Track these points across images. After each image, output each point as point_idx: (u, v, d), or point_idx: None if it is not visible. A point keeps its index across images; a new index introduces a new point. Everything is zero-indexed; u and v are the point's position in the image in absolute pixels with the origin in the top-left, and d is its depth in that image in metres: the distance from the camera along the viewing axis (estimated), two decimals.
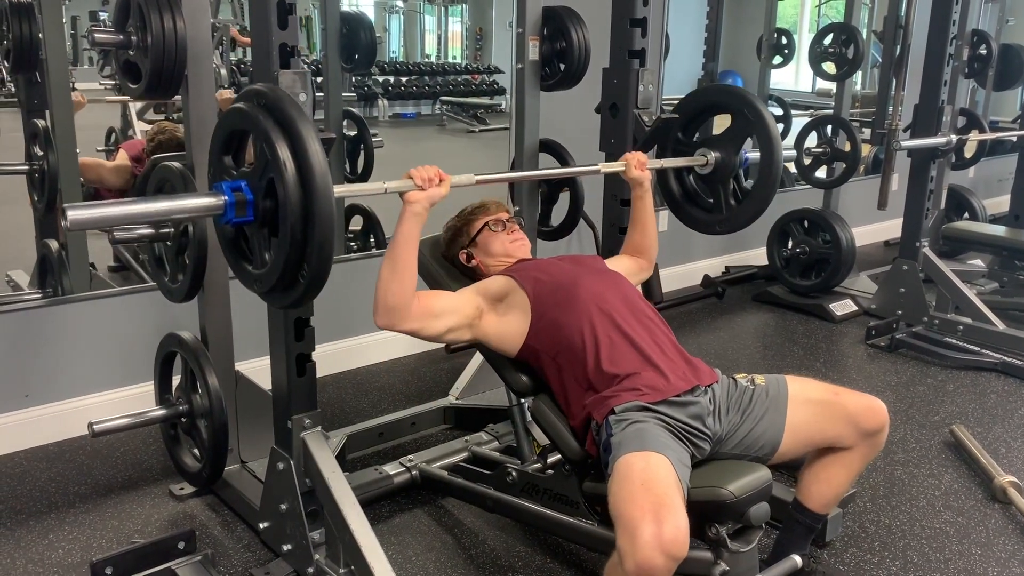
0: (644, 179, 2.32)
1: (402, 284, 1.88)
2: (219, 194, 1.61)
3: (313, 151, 1.52)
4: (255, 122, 1.57)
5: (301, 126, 1.53)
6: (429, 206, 1.87)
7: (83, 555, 2.23)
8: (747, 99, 2.37)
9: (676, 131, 2.51)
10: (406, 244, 1.87)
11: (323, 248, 1.55)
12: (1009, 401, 3.34)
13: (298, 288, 1.62)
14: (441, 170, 1.89)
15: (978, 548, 2.36)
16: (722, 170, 2.42)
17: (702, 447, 1.87)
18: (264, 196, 1.60)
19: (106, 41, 2.15)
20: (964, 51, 4.60)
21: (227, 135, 1.69)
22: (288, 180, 1.52)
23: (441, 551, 2.30)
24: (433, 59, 6.95)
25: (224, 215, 1.62)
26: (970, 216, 5.26)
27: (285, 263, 1.58)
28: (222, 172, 1.69)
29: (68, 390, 2.87)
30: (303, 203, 1.53)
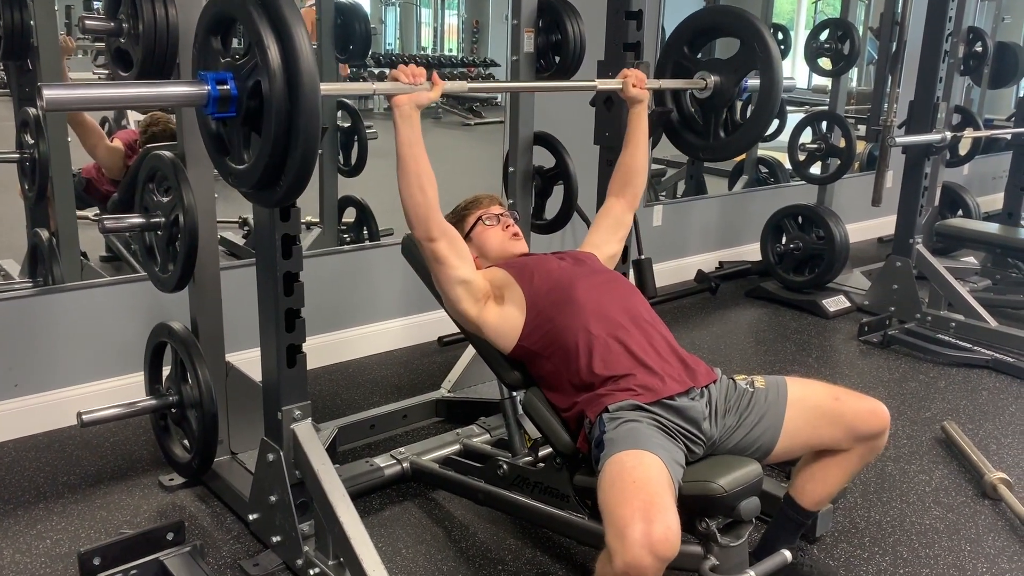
0: (643, 96, 2.30)
1: (423, 192, 1.88)
2: (203, 84, 1.56)
3: (303, 55, 1.47)
4: (246, 15, 1.51)
5: (293, 27, 1.48)
6: (417, 108, 1.86)
7: (71, 545, 2.22)
8: (759, 32, 2.33)
9: (682, 45, 2.48)
10: (409, 149, 1.86)
11: (307, 142, 1.50)
12: (1000, 398, 3.35)
13: (283, 182, 1.57)
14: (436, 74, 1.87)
15: (968, 544, 2.36)
16: (719, 96, 2.41)
17: (696, 450, 1.86)
18: (249, 96, 1.54)
19: (97, 28, 2.13)
20: (960, 48, 4.59)
21: (215, 16, 1.62)
22: (276, 84, 1.47)
23: (431, 543, 2.29)
24: (429, 52, 6.93)
25: (207, 107, 1.57)
26: (964, 213, 5.27)
27: (266, 165, 1.54)
28: (208, 56, 1.63)
29: (58, 380, 2.85)
30: (289, 110, 1.48)
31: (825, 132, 4.51)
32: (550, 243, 3.80)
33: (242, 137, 1.62)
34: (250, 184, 1.62)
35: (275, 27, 1.49)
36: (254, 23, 1.49)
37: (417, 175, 1.87)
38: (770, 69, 2.31)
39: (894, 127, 3.81)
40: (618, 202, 2.37)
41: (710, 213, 5.01)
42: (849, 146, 4.41)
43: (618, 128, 2.56)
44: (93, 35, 2.55)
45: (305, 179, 1.57)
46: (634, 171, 2.36)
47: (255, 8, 1.51)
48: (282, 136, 1.51)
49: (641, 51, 2.55)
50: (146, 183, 2.29)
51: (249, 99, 1.55)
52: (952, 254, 5.08)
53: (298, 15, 1.50)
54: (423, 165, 1.88)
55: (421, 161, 1.88)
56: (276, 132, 1.50)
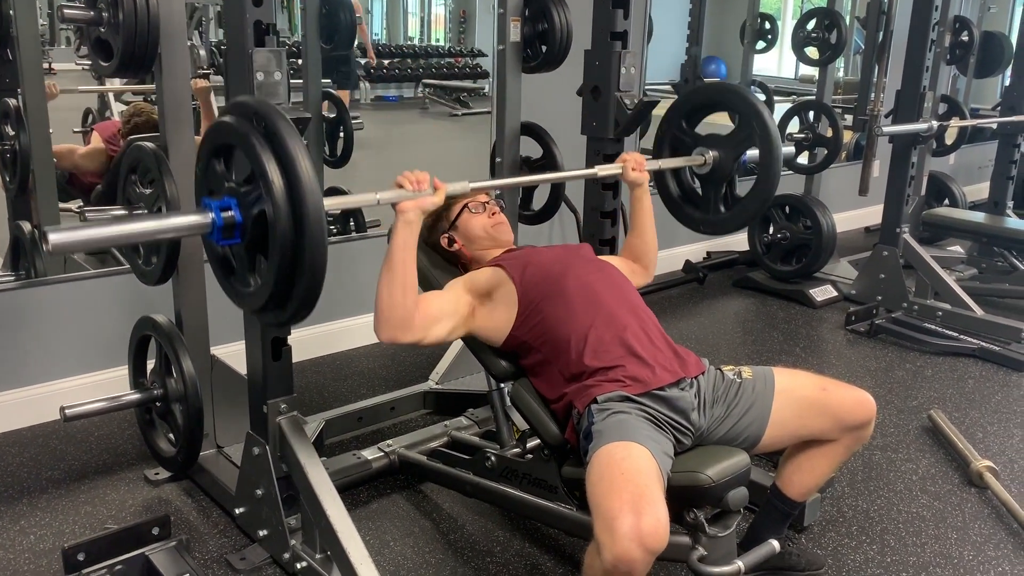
0: (643, 180, 2.26)
1: (404, 296, 1.84)
2: (207, 212, 1.55)
3: (307, 183, 1.45)
4: (245, 140, 1.51)
5: (292, 146, 1.47)
6: (422, 214, 1.83)
7: (55, 541, 2.20)
8: (758, 110, 2.32)
9: (680, 120, 2.48)
10: (402, 254, 1.82)
11: (314, 271, 1.50)
12: (986, 386, 3.37)
13: (288, 308, 1.57)
14: (437, 179, 1.83)
15: (954, 532, 2.37)
16: (718, 171, 2.39)
17: (684, 441, 1.86)
18: (254, 222, 1.54)
19: (76, 17, 2.10)
20: (946, 38, 4.60)
21: (215, 147, 1.62)
22: (281, 213, 1.46)
23: (419, 536, 2.29)
24: (416, 41, 6.89)
25: (212, 235, 1.56)
26: (950, 203, 5.28)
27: (275, 285, 1.53)
28: (212, 180, 1.63)
29: (41, 374, 2.83)
30: (293, 227, 1.47)
31: (812, 121, 4.51)
32: (538, 234, 3.79)
33: (247, 262, 1.61)
34: (257, 306, 1.61)
35: (278, 155, 1.47)
36: (256, 153, 1.48)
37: (403, 278, 1.83)
38: (768, 145, 2.29)
39: (881, 116, 3.81)
40: (631, 264, 2.33)
41: None
42: (836, 135, 4.41)
43: (605, 118, 2.55)
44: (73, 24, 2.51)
45: (313, 302, 1.55)
46: (642, 253, 2.32)
47: (257, 138, 1.49)
48: (288, 263, 1.50)
49: (628, 40, 2.54)
50: (128, 174, 2.27)
51: (254, 226, 1.53)
52: (938, 243, 5.09)
53: (300, 143, 1.49)
54: (411, 270, 1.84)
55: (410, 266, 1.84)
56: (282, 260, 1.49)
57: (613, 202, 2.64)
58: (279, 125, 1.49)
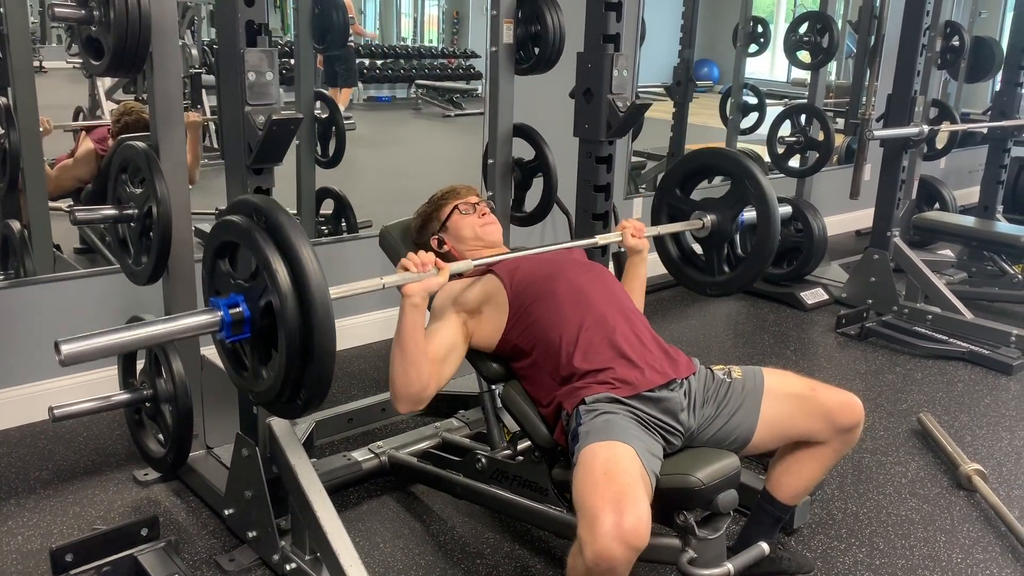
0: (642, 247, 2.25)
1: (419, 373, 1.85)
2: (215, 311, 1.55)
3: (311, 269, 1.46)
4: (248, 236, 1.52)
5: (295, 239, 1.48)
6: (428, 296, 1.82)
7: (43, 542, 2.19)
8: (750, 171, 2.32)
9: (674, 188, 2.49)
10: (412, 334, 1.82)
11: (323, 362, 1.49)
12: (975, 390, 3.38)
13: (299, 403, 1.57)
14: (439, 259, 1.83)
15: (943, 535, 2.38)
16: (718, 234, 2.40)
17: (674, 442, 1.86)
18: (262, 315, 1.54)
19: (67, 16, 2.08)
20: (937, 42, 4.62)
21: (219, 246, 1.63)
22: (287, 299, 1.47)
23: (409, 537, 2.28)
24: (409, 42, 6.89)
25: (221, 332, 1.57)
26: (940, 206, 5.30)
27: (284, 381, 1.53)
28: (219, 281, 1.64)
29: (30, 374, 2.81)
30: (301, 321, 1.48)
31: (804, 125, 4.52)
32: (530, 235, 3.79)
33: (258, 355, 1.61)
34: (270, 398, 1.61)
35: (282, 249, 1.48)
36: (260, 248, 1.49)
37: (415, 358, 1.83)
38: (764, 203, 2.29)
39: (872, 120, 3.83)
40: None
41: None
42: (828, 139, 4.42)
43: (597, 120, 2.55)
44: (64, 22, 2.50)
45: (325, 390, 1.55)
46: None
47: (260, 233, 1.51)
48: (297, 353, 1.50)
49: (620, 43, 2.54)
50: (119, 174, 2.26)
51: (262, 319, 1.54)
52: (929, 247, 5.11)
53: (303, 235, 1.50)
54: (422, 347, 1.84)
55: (421, 345, 1.84)
56: (290, 350, 1.49)
57: (605, 204, 2.65)
58: (281, 219, 1.50)
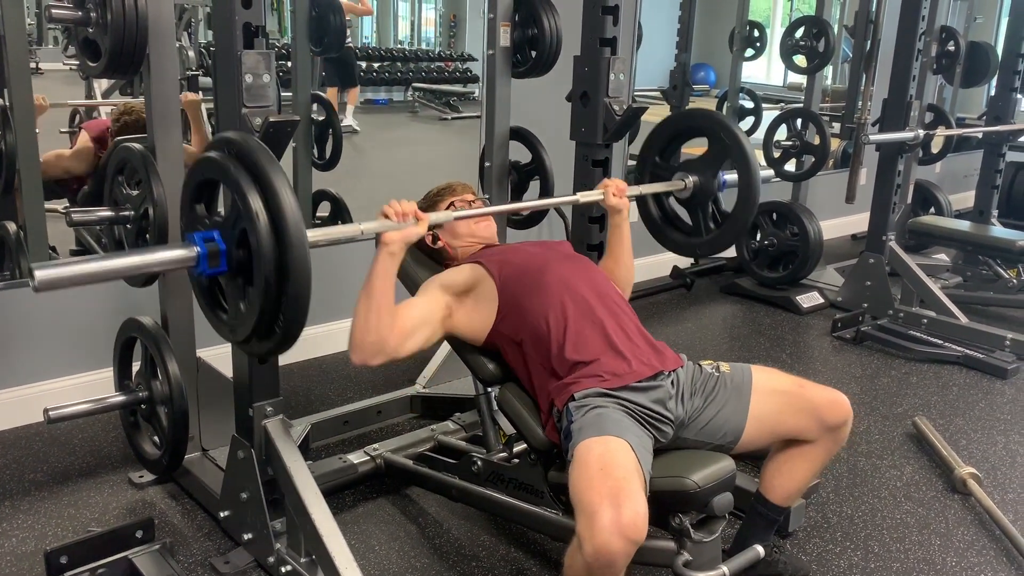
0: (622, 206, 2.26)
1: (379, 321, 1.84)
2: (191, 245, 1.57)
3: (286, 200, 1.49)
4: (226, 172, 1.54)
5: (273, 175, 1.50)
6: (406, 246, 1.83)
7: (37, 544, 2.18)
8: (722, 123, 2.37)
9: (654, 155, 2.50)
10: (382, 283, 1.83)
11: (298, 298, 1.52)
12: (970, 394, 3.39)
13: (273, 338, 1.59)
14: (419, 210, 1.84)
15: (938, 538, 2.39)
16: (700, 194, 2.42)
17: (664, 431, 1.87)
18: (237, 246, 1.56)
19: (64, 17, 2.09)
20: (932, 47, 4.63)
21: (198, 184, 1.65)
22: (261, 230, 1.49)
23: (405, 540, 2.28)
24: (406, 45, 6.89)
25: (197, 266, 1.58)
26: (936, 211, 5.32)
27: (260, 313, 1.54)
28: (194, 222, 1.66)
29: (26, 375, 2.81)
30: (277, 253, 1.50)
31: (800, 129, 4.53)
32: (526, 238, 3.78)
33: (235, 290, 1.62)
34: (243, 336, 1.62)
35: (261, 188, 1.50)
36: (239, 185, 1.50)
37: (379, 306, 1.83)
38: (742, 155, 2.32)
39: (868, 125, 3.84)
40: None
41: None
42: (823, 143, 4.44)
43: (594, 124, 2.55)
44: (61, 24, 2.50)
45: (297, 331, 1.58)
46: (616, 278, 2.29)
47: (239, 171, 1.52)
48: (272, 290, 1.51)
49: (617, 47, 2.55)
50: (115, 175, 2.26)
51: (238, 252, 1.55)
52: (924, 251, 5.13)
53: (282, 175, 1.51)
54: (389, 298, 1.84)
55: (388, 295, 1.84)
56: (266, 287, 1.50)
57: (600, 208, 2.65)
58: (260, 158, 1.52)
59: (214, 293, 1.69)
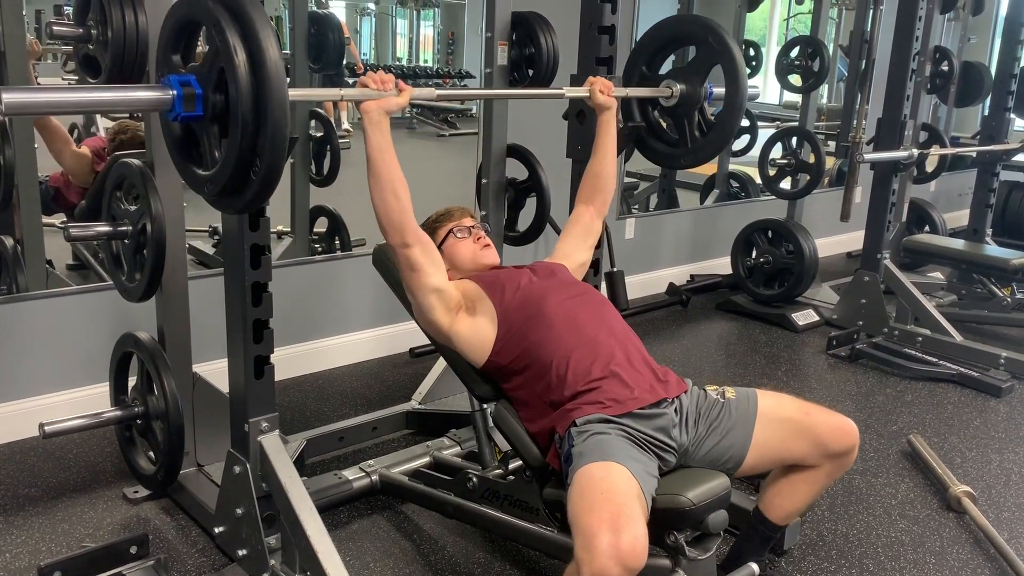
0: (610, 104, 2.31)
1: (396, 198, 1.89)
2: (167, 88, 1.51)
3: (265, 37, 1.43)
4: (204, 9, 1.47)
5: (252, 12, 1.45)
6: (386, 114, 1.86)
7: (31, 559, 2.17)
8: (712, 28, 2.35)
9: (641, 65, 2.50)
10: (380, 155, 1.86)
11: (275, 140, 1.46)
12: (965, 412, 3.40)
13: (250, 187, 1.52)
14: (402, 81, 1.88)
15: (933, 557, 2.39)
16: (687, 102, 2.41)
17: (667, 459, 1.86)
18: (215, 89, 1.50)
19: (64, 34, 2.11)
20: (926, 67, 4.67)
21: (177, 27, 1.58)
22: (239, 67, 1.43)
23: (400, 557, 2.28)
24: (404, 62, 6.92)
25: (172, 109, 1.52)
26: (931, 229, 5.34)
27: (237, 159, 1.48)
28: (170, 69, 1.59)
29: (21, 390, 2.80)
30: (255, 92, 1.44)
31: (795, 148, 4.56)
32: (523, 255, 3.81)
33: (209, 138, 1.57)
34: (216, 190, 1.57)
35: (236, 18, 1.45)
36: (213, 14, 1.46)
37: (390, 180, 1.88)
38: (730, 61, 2.31)
39: (863, 143, 3.86)
40: (587, 209, 2.38)
41: (682, 226, 5.05)
42: (819, 162, 4.46)
43: (589, 141, 2.57)
44: (62, 40, 2.52)
45: (272, 182, 1.52)
46: (603, 177, 2.37)
47: (216, 5, 1.47)
48: (249, 138, 1.46)
49: (614, 65, 2.57)
50: (113, 191, 2.27)
51: (214, 93, 1.50)
52: (919, 269, 5.15)
53: (268, 23, 1.47)
54: (395, 171, 1.88)
55: (393, 167, 1.88)
56: (244, 125, 1.45)
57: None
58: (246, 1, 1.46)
59: (188, 144, 1.63)
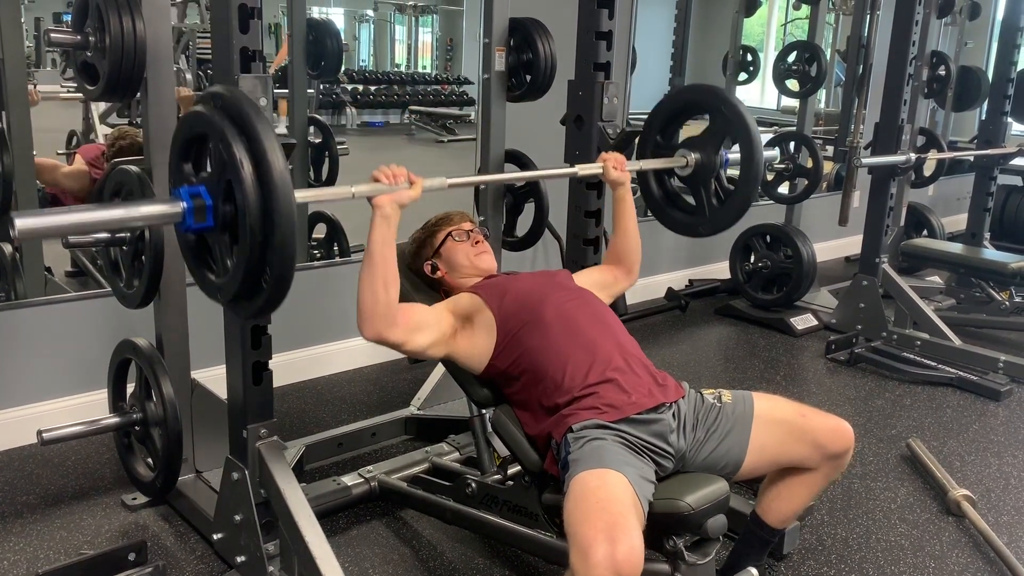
0: (624, 179, 2.27)
1: (386, 291, 1.84)
2: (177, 200, 1.54)
3: (271, 149, 1.45)
4: (211, 124, 1.51)
5: (258, 125, 1.47)
6: (399, 208, 1.82)
7: (29, 567, 2.17)
8: (724, 97, 2.34)
9: (655, 134, 2.49)
10: (381, 249, 1.82)
11: (284, 249, 1.48)
12: (964, 415, 3.40)
13: (262, 295, 1.55)
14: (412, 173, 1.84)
15: (932, 561, 2.38)
16: (703, 171, 2.38)
17: (665, 465, 1.86)
18: (224, 200, 1.53)
19: (63, 41, 2.11)
20: (923, 72, 4.68)
21: (185, 140, 1.63)
22: (245, 179, 1.45)
23: (399, 563, 2.27)
24: (403, 68, 6.94)
25: (183, 222, 1.55)
26: (929, 233, 5.35)
27: (247, 267, 1.51)
28: (181, 180, 1.63)
29: (19, 397, 2.80)
30: (262, 203, 1.46)
31: (793, 152, 4.56)
32: (521, 260, 3.81)
33: (222, 247, 1.60)
34: (230, 296, 1.59)
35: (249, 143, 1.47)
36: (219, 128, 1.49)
37: (384, 274, 1.83)
38: (743, 128, 2.28)
39: (860, 148, 3.86)
40: (611, 271, 2.34)
41: None
42: (816, 166, 4.47)
43: (588, 147, 2.57)
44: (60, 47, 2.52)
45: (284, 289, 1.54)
46: (626, 252, 2.31)
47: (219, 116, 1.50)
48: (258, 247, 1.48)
49: (611, 71, 2.58)
50: (112, 198, 2.27)
51: (225, 206, 1.53)
52: (917, 273, 5.15)
53: (271, 131, 1.49)
54: (391, 265, 1.84)
55: (390, 262, 1.84)
56: (252, 243, 1.48)
57: (596, 229, 2.67)
58: (246, 109, 1.48)
59: (201, 252, 1.64)
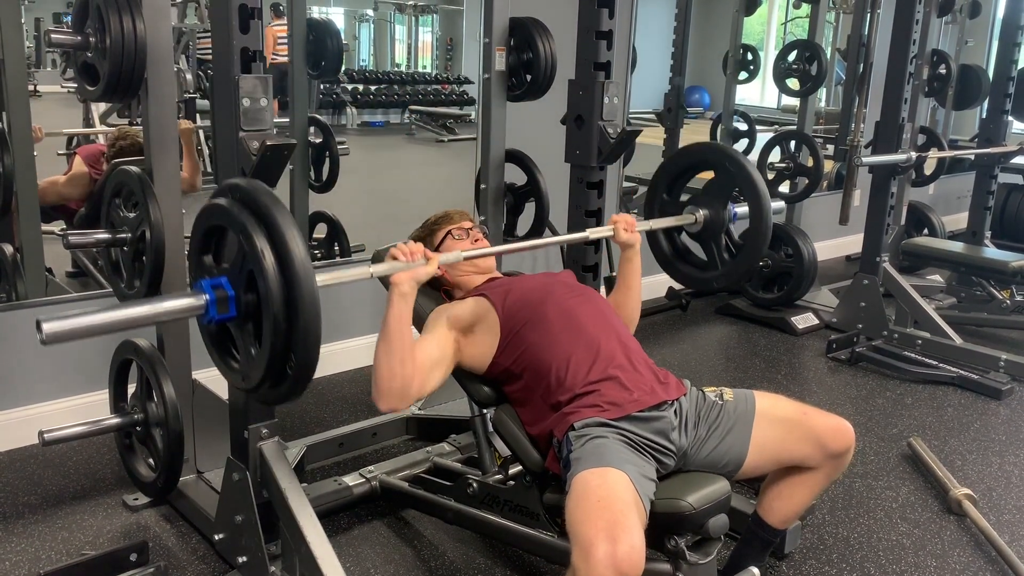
0: (634, 241, 2.25)
1: (403, 367, 1.83)
2: (200, 293, 1.55)
3: (291, 238, 1.47)
4: (231, 216, 1.52)
5: (277, 215, 1.48)
6: (416, 286, 1.82)
7: (31, 568, 2.17)
8: (727, 152, 2.36)
9: (662, 192, 2.50)
10: (399, 326, 1.81)
11: (308, 335, 1.48)
12: (965, 414, 3.39)
13: (287, 381, 1.56)
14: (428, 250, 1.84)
15: (934, 560, 2.38)
16: (712, 227, 2.40)
17: (666, 463, 1.86)
18: (246, 290, 1.54)
19: (63, 42, 2.11)
20: (924, 70, 4.68)
21: (205, 232, 1.63)
22: (268, 269, 1.46)
23: (400, 563, 2.27)
24: (403, 68, 6.94)
25: (206, 314, 1.56)
26: (929, 232, 5.35)
27: (271, 355, 1.52)
28: (202, 272, 1.64)
29: (20, 398, 2.80)
30: (284, 291, 1.47)
31: (794, 151, 4.56)
32: (521, 261, 3.81)
33: (245, 338, 1.60)
34: (254, 384, 1.60)
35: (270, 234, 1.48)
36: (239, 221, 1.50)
37: (401, 350, 1.82)
38: (750, 185, 2.30)
39: (861, 147, 3.86)
40: None
41: None
42: (817, 165, 4.47)
43: (588, 146, 2.57)
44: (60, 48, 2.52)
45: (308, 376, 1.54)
46: (624, 307, 2.30)
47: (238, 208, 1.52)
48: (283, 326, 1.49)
49: (611, 70, 2.57)
50: (112, 198, 2.27)
51: (246, 293, 1.53)
52: (918, 272, 5.15)
53: (291, 221, 1.50)
54: (408, 341, 1.83)
55: (407, 338, 1.83)
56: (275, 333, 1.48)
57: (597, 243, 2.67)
58: (265, 200, 1.50)
59: (224, 341, 1.66)
